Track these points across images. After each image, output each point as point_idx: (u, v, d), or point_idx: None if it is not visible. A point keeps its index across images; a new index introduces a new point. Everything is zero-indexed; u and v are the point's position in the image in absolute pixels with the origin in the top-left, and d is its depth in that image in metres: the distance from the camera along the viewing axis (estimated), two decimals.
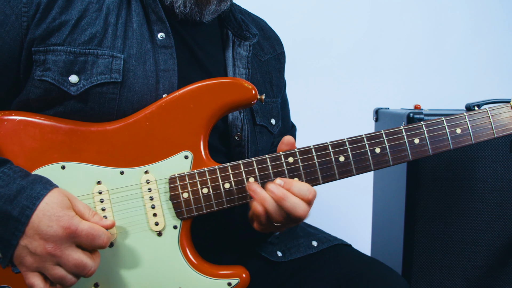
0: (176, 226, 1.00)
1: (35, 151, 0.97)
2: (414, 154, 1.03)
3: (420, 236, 1.64)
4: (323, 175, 1.01)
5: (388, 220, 1.89)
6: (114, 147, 0.99)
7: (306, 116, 2.57)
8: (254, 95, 1.02)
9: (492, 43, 2.70)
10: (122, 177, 0.99)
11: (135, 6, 1.08)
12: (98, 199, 0.98)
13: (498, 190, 1.63)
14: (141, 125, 1.01)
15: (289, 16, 2.53)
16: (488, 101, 1.76)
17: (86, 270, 0.89)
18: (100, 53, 1.01)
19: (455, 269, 1.66)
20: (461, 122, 1.06)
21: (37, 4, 0.99)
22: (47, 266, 0.87)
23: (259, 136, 1.22)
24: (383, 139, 1.02)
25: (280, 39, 1.39)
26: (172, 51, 1.08)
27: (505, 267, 1.66)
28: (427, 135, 1.04)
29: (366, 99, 2.58)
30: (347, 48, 2.61)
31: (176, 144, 1.01)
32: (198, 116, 1.01)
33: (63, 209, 0.88)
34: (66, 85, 0.99)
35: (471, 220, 1.64)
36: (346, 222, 2.55)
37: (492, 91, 2.51)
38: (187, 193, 1.00)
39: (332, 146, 1.01)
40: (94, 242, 0.89)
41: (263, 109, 1.23)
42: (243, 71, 1.19)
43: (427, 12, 2.66)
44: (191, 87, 1.03)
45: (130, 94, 1.02)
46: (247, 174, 1.00)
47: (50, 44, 0.99)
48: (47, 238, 0.86)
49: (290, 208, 0.95)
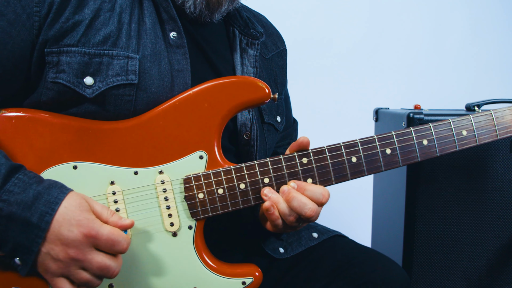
0: (191, 226, 1.00)
1: (45, 150, 0.94)
2: (422, 155, 1.06)
3: (420, 236, 1.64)
4: (336, 176, 1.03)
5: (388, 220, 1.89)
6: (127, 146, 0.98)
7: (306, 116, 2.56)
8: (267, 94, 1.02)
9: (492, 43, 2.70)
10: (136, 177, 0.98)
11: (147, 5, 1.06)
12: (112, 200, 0.97)
13: (498, 190, 1.63)
14: (154, 124, 0.99)
15: (289, 16, 2.53)
16: (488, 101, 1.76)
17: (110, 272, 0.88)
18: (115, 54, 0.98)
19: (455, 269, 1.66)
20: (467, 124, 1.09)
21: (50, 3, 0.95)
22: (72, 271, 0.86)
23: (267, 135, 1.23)
24: (393, 140, 1.04)
25: (281, 35, 1.39)
26: (185, 50, 1.06)
27: (505, 267, 1.66)
28: (435, 136, 1.06)
29: (366, 99, 2.58)
30: (347, 48, 2.60)
31: (191, 143, 1.00)
32: (212, 115, 1.01)
33: (82, 212, 0.86)
34: (82, 88, 0.96)
35: (471, 220, 1.64)
36: (346, 222, 2.55)
37: (492, 91, 2.51)
38: (203, 193, 1.00)
39: (345, 147, 1.03)
40: (114, 247, 0.87)
41: (270, 107, 1.24)
42: (251, 70, 1.19)
43: (427, 12, 2.66)
44: (205, 85, 1.02)
45: (146, 96, 1.00)
46: (262, 175, 1.01)
47: (64, 45, 0.96)
48: (68, 243, 0.84)
49: (297, 207, 0.97)
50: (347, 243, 1.24)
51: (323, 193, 0.99)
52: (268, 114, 1.23)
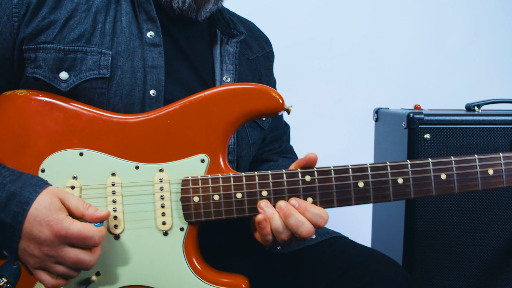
0: (183, 228, 1.00)
1: (57, 134, 0.99)
2: (438, 190, 0.98)
3: (420, 236, 1.64)
4: (339, 199, 0.98)
5: (388, 220, 1.89)
6: (132, 140, 1.00)
7: (306, 116, 2.56)
8: (281, 104, 1.00)
9: (492, 43, 2.70)
10: (137, 172, 0.99)
11: (125, 6, 1.11)
12: (111, 191, 0.99)
13: (498, 190, 1.63)
14: (162, 122, 1.01)
15: (289, 16, 2.53)
16: (488, 101, 1.76)
17: (85, 265, 0.91)
18: (89, 50, 1.04)
19: (455, 269, 1.66)
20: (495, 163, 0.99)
21: (27, 4, 1.02)
22: (48, 265, 0.91)
23: (250, 130, 1.24)
24: (407, 169, 0.98)
25: (269, 39, 1.42)
26: (161, 49, 1.11)
27: (505, 267, 1.66)
28: (456, 171, 0.98)
29: (366, 99, 2.58)
30: (347, 48, 2.60)
31: (194, 146, 1.00)
32: (220, 121, 1.00)
33: (51, 212, 0.89)
34: (57, 82, 1.02)
35: (471, 220, 1.64)
36: (346, 222, 2.55)
37: (492, 91, 2.51)
38: (198, 197, 0.99)
39: (352, 170, 0.97)
40: (85, 243, 0.90)
41: None
42: (231, 67, 1.21)
43: (427, 12, 2.66)
44: (217, 89, 1.02)
45: (118, 89, 1.05)
46: (261, 187, 0.98)
47: (40, 42, 1.02)
48: (41, 242, 0.89)
49: (293, 225, 0.94)
50: (348, 243, 1.23)
51: (323, 216, 0.96)
52: None
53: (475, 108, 1.74)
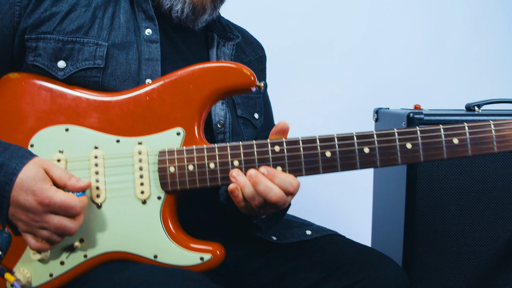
0: (160, 197, 1.05)
1: (45, 112, 1.07)
2: (404, 159, 1.00)
3: (420, 236, 1.64)
4: (307, 167, 1.01)
5: (388, 220, 1.89)
6: (114, 116, 1.07)
7: (306, 116, 2.57)
8: (253, 81, 1.05)
9: (492, 43, 2.70)
10: (118, 145, 1.06)
11: (124, 4, 1.17)
12: (94, 163, 1.05)
13: (498, 190, 1.63)
14: (141, 99, 1.07)
15: (289, 16, 2.54)
16: (488, 101, 1.76)
17: (67, 231, 0.96)
18: (86, 41, 1.10)
19: (455, 269, 1.66)
20: (460, 132, 1.00)
21: None
22: (34, 229, 0.97)
23: (244, 127, 1.28)
24: (373, 139, 1.00)
25: (261, 44, 1.48)
26: (157, 45, 1.16)
27: (505, 267, 1.66)
28: (421, 141, 1.00)
29: (366, 99, 2.58)
30: (347, 48, 2.61)
31: (171, 120, 1.06)
32: (195, 96, 1.06)
33: (36, 182, 0.95)
34: (54, 70, 1.09)
35: (471, 220, 1.64)
36: (346, 222, 2.55)
37: (492, 91, 2.51)
38: (174, 167, 1.04)
39: (320, 140, 1.01)
40: (68, 211, 0.95)
41: (246, 103, 1.31)
42: None
43: (427, 12, 2.66)
44: (192, 68, 1.07)
45: (112, 78, 1.10)
46: (233, 157, 1.02)
47: (41, 32, 1.09)
48: (27, 209, 0.95)
49: (263, 191, 0.97)
50: (344, 241, 1.24)
51: (291, 182, 0.99)
52: (243, 108, 1.29)
53: (475, 108, 1.74)
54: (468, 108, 1.76)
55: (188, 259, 1.04)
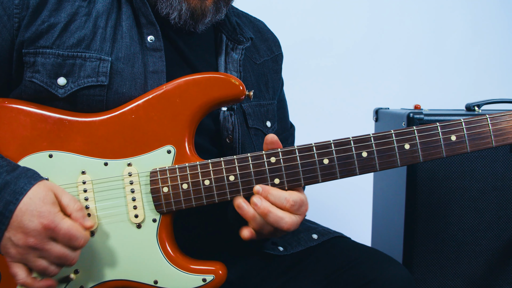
0: (155, 219, 1.01)
1: (25, 138, 1.00)
2: (403, 160, 0.98)
3: (420, 236, 1.64)
4: (305, 177, 0.99)
5: (388, 220, 1.89)
6: (99, 138, 1.01)
7: (306, 116, 2.56)
8: (241, 91, 1.02)
9: (492, 43, 2.69)
10: (106, 168, 1.01)
11: (126, 10, 1.09)
12: (82, 189, 1.00)
13: (498, 190, 1.63)
14: (126, 118, 1.02)
15: (289, 16, 2.54)
16: (488, 101, 1.76)
17: (68, 261, 0.91)
18: (88, 56, 1.03)
19: (455, 269, 1.66)
20: (457, 129, 0.98)
21: (27, 6, 1.01)
22: (29, 258, 0.90)
23: (255, 139, 1.22)
24: (371, 142, 0.98)
25: (278, 41, 1.39)
26: (162, 54, 1.09)
27: (505, 267, 1.66)
28: (419, 141, 0.98)
29: (366, 99, 2.57)
30: (347, 48, 2.61)
31: (160, 138, 1.01)
32: (183, 111, 1.02)
33: (45, 205, 0.90)
34: (54, 88, 1.02)
35: (471, 220, 1.64)
36: (346, 222, 2.55)
37: (492, 91, 2.51)
38: (167, 187, 1.00)
39: (316, 148, 0.99)
40: (71, 242, 0.90)
41: (257, 112, 1.24)
42: (235, 74, 1.20)
43: (427, 12, 2.65)
44: (178, 81, 1.03)
45: (117, 96, 1.04)
46: (228, 172, 0.99)
47: (39, 47, 1.01)
48: (28, 232, 0.88)
49: (273, 222, 0.96)
50: (349, 243, 1.23)
51: (287, 198, 0.97)
52: (253, 118, 1.23)
53: (475, 108, 1.74)
54: (468, 108, 1.76)
55: (190, 281, 1.00)
